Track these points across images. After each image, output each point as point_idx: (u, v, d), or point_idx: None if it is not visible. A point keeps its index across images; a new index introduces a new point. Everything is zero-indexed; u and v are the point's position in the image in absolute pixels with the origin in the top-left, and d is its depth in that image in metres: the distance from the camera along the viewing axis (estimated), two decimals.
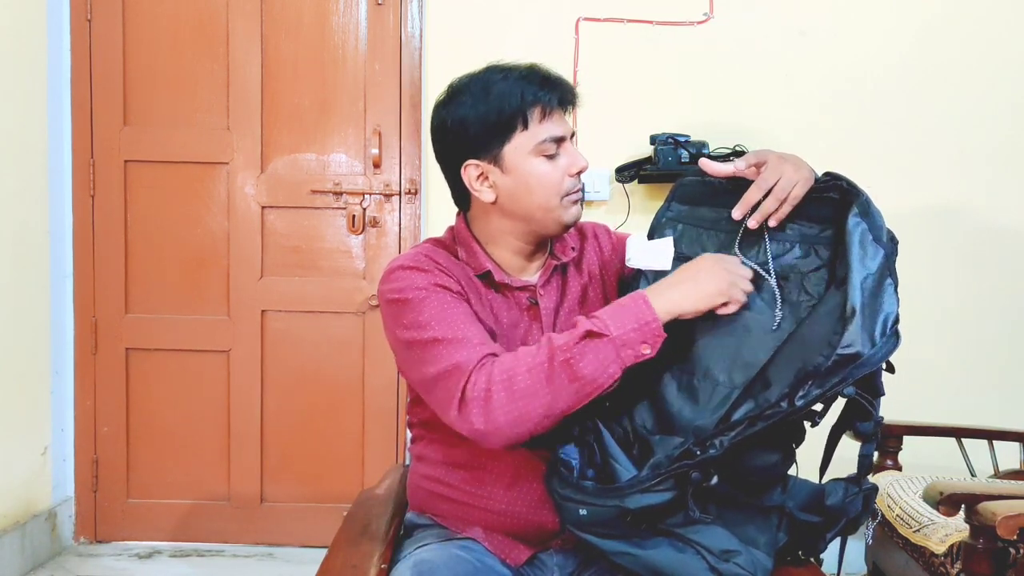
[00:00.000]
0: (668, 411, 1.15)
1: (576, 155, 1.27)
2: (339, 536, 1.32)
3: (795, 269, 1.15)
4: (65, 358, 2.63)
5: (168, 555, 2.60)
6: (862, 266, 1.06)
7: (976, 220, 2.47)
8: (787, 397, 1.03)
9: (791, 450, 1.15)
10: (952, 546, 1.60)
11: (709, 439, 1.05)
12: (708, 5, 2.44)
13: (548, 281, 1.33)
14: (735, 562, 1.09)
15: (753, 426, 1.04)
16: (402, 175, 2.61)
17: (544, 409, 1.09)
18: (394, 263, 1.29)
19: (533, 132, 1.25)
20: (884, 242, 1.09)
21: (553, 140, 1.26)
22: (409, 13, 2.57)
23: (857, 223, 1.09)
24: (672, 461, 1.06)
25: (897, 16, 2.44)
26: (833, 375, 1.02)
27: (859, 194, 1.12)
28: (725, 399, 1.11)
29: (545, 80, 1.27)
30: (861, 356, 1.01)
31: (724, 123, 2.41)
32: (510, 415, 1.09)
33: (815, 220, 1.16)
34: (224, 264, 2.63)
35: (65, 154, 2.60)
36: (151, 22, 2.59)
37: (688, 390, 1.15)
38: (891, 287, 1.07)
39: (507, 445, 1.12)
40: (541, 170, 1.26)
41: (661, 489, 1.06)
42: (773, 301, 1.15)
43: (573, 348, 1.10)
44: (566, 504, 1.13)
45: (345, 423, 2.64)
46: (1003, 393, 2.44)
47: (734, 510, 1.12)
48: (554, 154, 1.26)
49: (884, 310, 1.05)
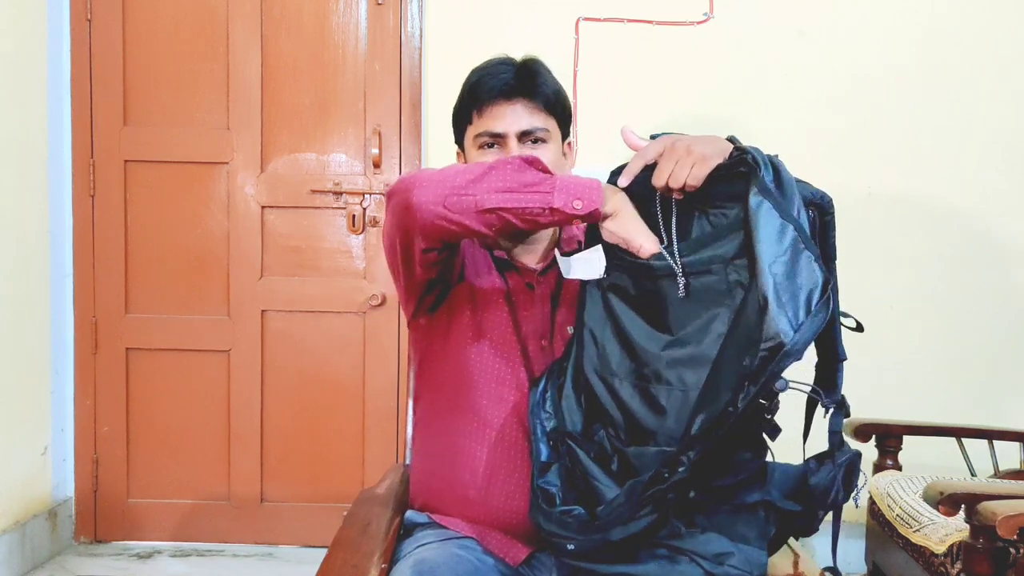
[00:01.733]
0: (636, 420, 1.13)
1: (511, 152, 1.24)
2: (339, 536, 1.32)
3: (719, 258, 1.08)
4: (65, 358, 2.63)
5: (168, 555, 2.60)
6: (770, 248, 0.99)
7: (976, 219, 2.47)
8: (731, 402, 1.00)
9: (763, 445, 1.13)
10: (952, 546, 1.60)
11: (676, 457, 1.04)
12: (708, 5, 2.44)
13: (548, 269, 1.33)
14: (730, 564, 1.09)
15: (712, 437, 1.01)
16: (402, 175, 2.61)
17: (466, 184, 1.09)
18: None
19: (476, 125, 1.27)
20: (794, 216, 1.01)
21: (489, 135, 1.25)
22: (409, 13, 2.57)
23: (759, 202, 1.01)
24: (645, 487, 1.05)
25: (897, 16, 2.44)
26: (763, 370, 0.97)
27: (757, 168, 1.03)
28: (683, 401, 1.08)
29: (498, 74, 1.26)
30: (784, 346, 0.96)
31: (724, 123, 2.41)
32: (435, 177, 1.11)
33: (731, 199, 1.08)
34: (224, 264, 2.63)
35: (65, 154, 2.60)
36: (151, 22, 2.59)
37: (649, 397, 1.12)
38: (809, 259, 0.99)
39: (419, 201, 1.10)
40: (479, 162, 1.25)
41: (642, 515, 1.06)
42: (675, 294, 1.11)
43: (513, 160, 1.11)
44: (553, 540, 1.14)
45: (345, 423, 2.64)
46: (1003, 393, 2.44)
47: (720, 512, 1.12)
48: (492, 147, 1.26)
49: (805, 288, 0.98)
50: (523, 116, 1.27)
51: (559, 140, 1.34)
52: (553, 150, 1.31)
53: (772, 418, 1.07)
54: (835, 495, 1.11)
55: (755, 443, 1.13)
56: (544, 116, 1.29)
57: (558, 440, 1.18)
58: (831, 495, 1.11)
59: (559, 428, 1.19)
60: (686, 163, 1.08)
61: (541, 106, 1.28)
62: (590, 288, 1.22)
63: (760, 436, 1.12)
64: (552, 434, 1.19)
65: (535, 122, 1.28)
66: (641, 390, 1.13)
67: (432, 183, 1.11)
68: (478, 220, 1.09)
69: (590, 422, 1.19)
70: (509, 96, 1.26)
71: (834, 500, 1.12)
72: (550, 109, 1.30)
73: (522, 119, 1.27)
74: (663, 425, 1.10)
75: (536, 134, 1.28)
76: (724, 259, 1.07)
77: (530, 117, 1.27)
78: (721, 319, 1.07)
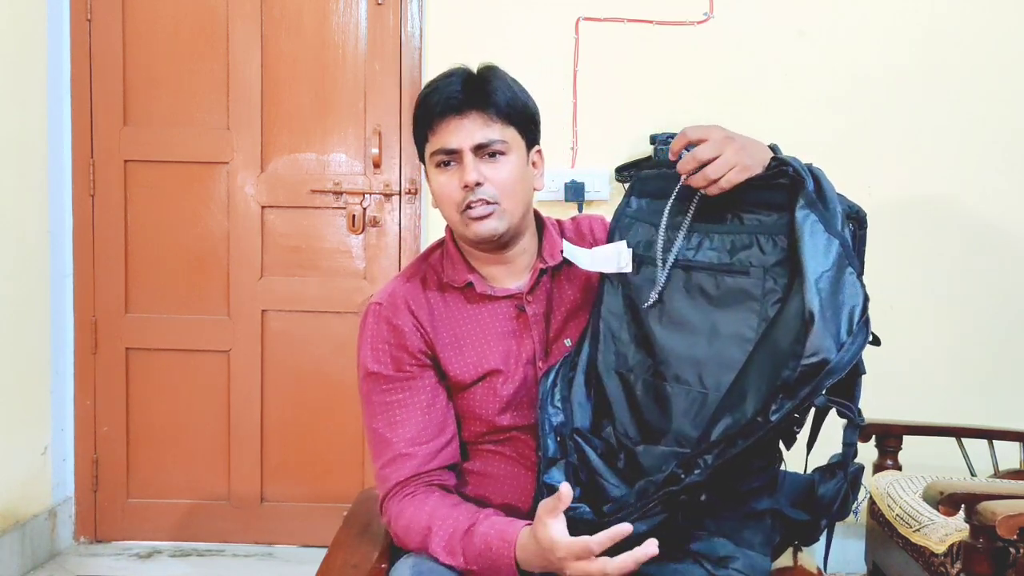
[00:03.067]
0: (647, 419, 1.13)
1: (467, 168, 1.20)
2: (339, 536, 1.33)
3: (757, 263, 1.09)
4: (65, 358, 2.63)
5: (168, 555, 2.60)
6: (816, 262, 1.00)
7: (976, 219, 2.47)
8: (761, 412, 0.99)
9: (778, 454, 1.14)
10: (952, 546, 1.60)
11: (692, 459, 1.03)
12: (708, 5, 2.43)
13: (535, 287, 1.29)
14: (734, 568, 1.09)
15: (734, 445, 1.01)
16: (402, 175, 2.61)
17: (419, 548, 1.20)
18: (364, 316, 1.32)
19: (431, 143, 1.23)
20: (839, 230, 1.02)
21: (444, 152, 1.22)
22: (409, 13, 2.57)
23: (806, 215, 1.03)
24: (658, 487, 1.04)
25: (897, 16, 2.44)
26: (803, 386, 0.97)
27: (804, 181, 1.05)
28: (701, 402, 1.09)
29: (446, 87, 1.21)
30: (828, 363, 0.97)
31: (724, 122, 2.41)
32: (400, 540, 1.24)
33: (771, 207, 1.09)
34: (224, 264, 2.63)
35: (65, 154, 2.60)
36: (151, 22, 2.59)
37: (663, 397, 1.12)
38: (852, 276, 1.01)
39: None
40: (438, 181, 1.24)
41: (652, 515, 1.05)
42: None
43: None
44: None
45: (345, 423, 2.63)
46: (1003, 393, 2.44)
47: (727, 517, 1.12)
48: (449, 165, 1.23)
49: (847, 305, 0.99)
50: (476, 129, 1.20)
51: (522, 150, 1.26)
52: (513, 162, 1.23)
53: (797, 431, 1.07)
54: (840, 506, 1.12)
55: (771, 451, 1.13)
56: (500, 126, 1.22)
57: (565, 436, 1.17)
58: (836, 505, 1.12)
59: (567, 423, 1.18)
60: (728, 162, 1.09)
61: (495, 116, 1.21)
62: (611, 281, 1.21)
63: (776, 444, 1.12)
64: (559, 429, 1.18)
65: (490, 134, 1.21)
66: (656, 388, 1.13)
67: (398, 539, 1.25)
68: None
69: (599, 418, 1.19)
70: (459, 109, 1.20)
71: (838, 511, 1.13)
72: (506, 118, 1.22)
73: (475, 133, 1.20)
74: (675, 425, 1.10)
75: (492, 147, 1.21)
76: (764, 265, 1.08)
77: (484, 129, 1.20)
78: (748, 323, 1.08)
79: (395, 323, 1.27)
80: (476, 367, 1.27)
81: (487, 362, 1.26)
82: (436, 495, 1.22)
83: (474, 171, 1.20)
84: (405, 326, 1.27)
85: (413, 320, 1.27)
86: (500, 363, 1.26)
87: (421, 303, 1.29)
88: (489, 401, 1.27)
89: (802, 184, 1.05)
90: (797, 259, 1.02)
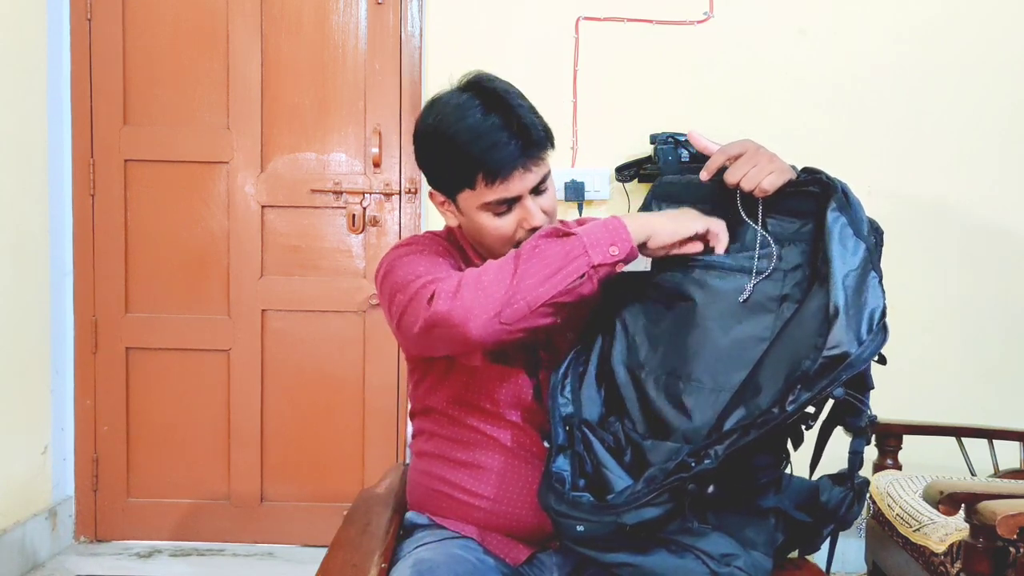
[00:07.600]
0: (658, 415, 1.14)
1: (532, 211, 1.23)
2: (339, 536, 1.32)
3: (777, 266, 1.13)
4: (65, 357, 2.63)
5: (168, 554, 2.60)
6: (843, 262, 1.04)
7: (976, 218, 2.47)
8: (778, 403, 1.01)
9: (785, 451, 1.15)
10: (952, 545, 1.60)
11: (703, 449, 1.04)
12: (708, 5, 2.43)
13: None
14: (735, 566, 1.09)
15: (747, 435, 1.02)
16: (402, 174, 2.61)
17: (509, 290, 1.09)
18: (411, 238, 1.34)
19: (480, 193, 1.22)
20: (865, 235, 1.06)
21: (502, 202, 1.23)
22: (409, 13, 2.57)
23: (836, 218, 1.07)
24: (667, 474, 1.05)
25: (897, 15, 2.44)
26: (821, 378, 1.00)
27: (836, 187, 1.10)
28: (713, 401, 1.09)
29: (504, 145, 1.20)
30: (848, 356, 0.99)
31: (724, 122, 2.41)
32: (477, 297, 1.10)
33: (795, 215, 1.14)
34: (224, 263, 2.63)
35: (65, 154, 2.60)
36: (151, 22, 2.59)
37: (675, 393, 1.13)
38: (875, 280, 1.04)
39: (477, 330, 1.10)
40: (491, 224, 1.25)
41: (658, 503, 1.05)
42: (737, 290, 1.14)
43: (539, 241, 1.13)
44: (563, 520, 1.12)
45: (345, 423, 2.64)
46: (1003, 392, 2.44)
47: (731, 513, 1.12)
48: (505, 211, 1.24)
49: (869, 306, 1.02)
50: (532, 175, 1.24)
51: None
52: (552, 182, 1.29)
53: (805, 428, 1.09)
54: (843, 516, 1.13)
55: (779, 449, 1.14)
56: (545, 160, 1.26)
57: (573, 426, 1.18)
58: (839, 513, 1.13)
59: (575, 415, 1.19)
60: (765, 168, 1.13)
61: (541, 153, 1.25)
62: (631, 278, 1.22)
63: (785, 442, 1.14)
64: (568, 419, 1.19)
65: (541, 172, 1.25)
66: (668, 386, 1.14)
67: (476, 306, 1.10)
68: (536, 317, 1.11)
69: (609, 413, 1.19)
70: (523, 164, 1.22)
71: (842, 520, 1.14)
72: (545, 149, 1.26)
73: (533, 177, 1.24)
74: (685, 423, 1.11)
75: (544, 183, 1.26)
76: (784, 269, 1.13)
77: (538, 170, 1.24)
78: (764, 324, 1.10)
79: (449, 247, 1.33)
80: None
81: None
82: None
83: (539, 213, 1.24)
84: (442, 248, 1.32)
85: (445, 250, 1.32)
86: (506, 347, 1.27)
87: (451, 247, 1.34)
88: (492, 384, 1.28)
89: (834, 190, 1.09)
90: (824, 259, 1.05)
